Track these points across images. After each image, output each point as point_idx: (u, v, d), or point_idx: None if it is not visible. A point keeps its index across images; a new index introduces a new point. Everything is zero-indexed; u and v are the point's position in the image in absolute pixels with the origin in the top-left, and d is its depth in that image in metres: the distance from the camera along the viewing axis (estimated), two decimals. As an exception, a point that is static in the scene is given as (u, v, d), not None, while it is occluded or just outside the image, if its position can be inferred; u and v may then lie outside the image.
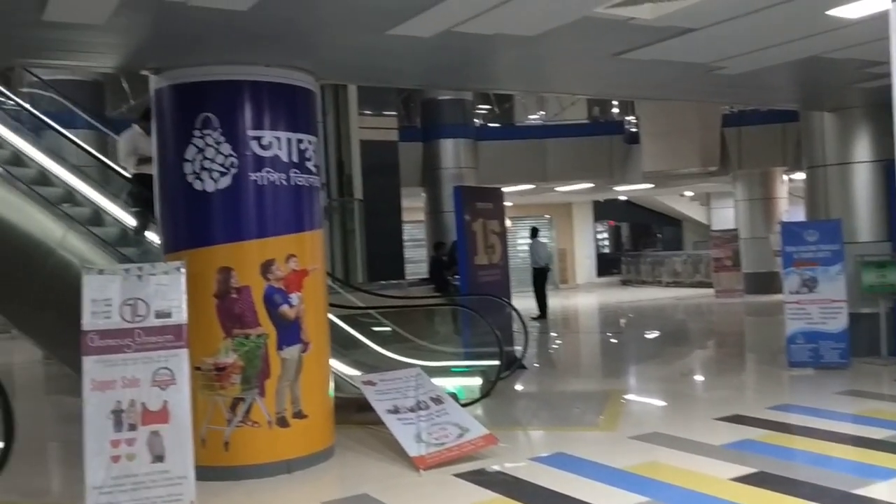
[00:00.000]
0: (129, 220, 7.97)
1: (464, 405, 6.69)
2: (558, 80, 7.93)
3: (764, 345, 11.76)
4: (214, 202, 5.50)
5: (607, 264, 28.64)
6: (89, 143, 9.72)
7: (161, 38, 5.15)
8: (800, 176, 16.39)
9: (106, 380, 4.51)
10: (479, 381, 7.95)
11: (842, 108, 9.15)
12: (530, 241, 17.37)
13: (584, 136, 19.90)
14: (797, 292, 8.69)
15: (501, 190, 10.72)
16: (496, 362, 7.85)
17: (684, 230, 31.21)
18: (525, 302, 15.99)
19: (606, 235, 32.73)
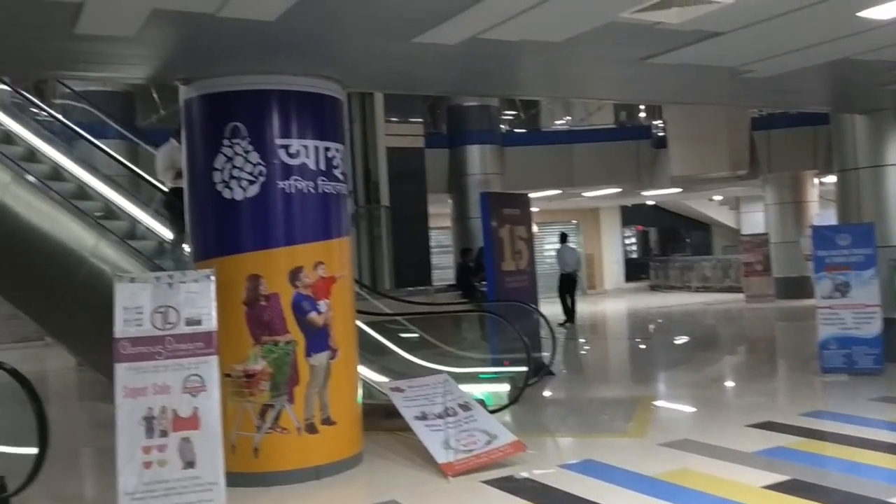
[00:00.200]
0: (165, 233, 8.06)
1: (492, 412, 6.68)
2: (584, 85, 7.91)
3: (796, 350, 11.60)
4: (243, 210, 5.55)
5: (635, 269, 28.44)
6: (120, 153, 9.84)
7: (190, 49, 5.22)
8: (831, 179, 16.16)
9: (138, 387, 4.57)
10: (506, 387, 7.93)
11: (873, 111, 9.02)
12: (558, 247, 17.30)
13: (611, 141, 19.80)
14: (830, 297, 8.57)
15: (528, 196, 10.70)
16: (524, 368, 7.83)
17: (713, 234, 30.93)
18: (553, 308, 15.95)
19: (634, 240, 32.51)
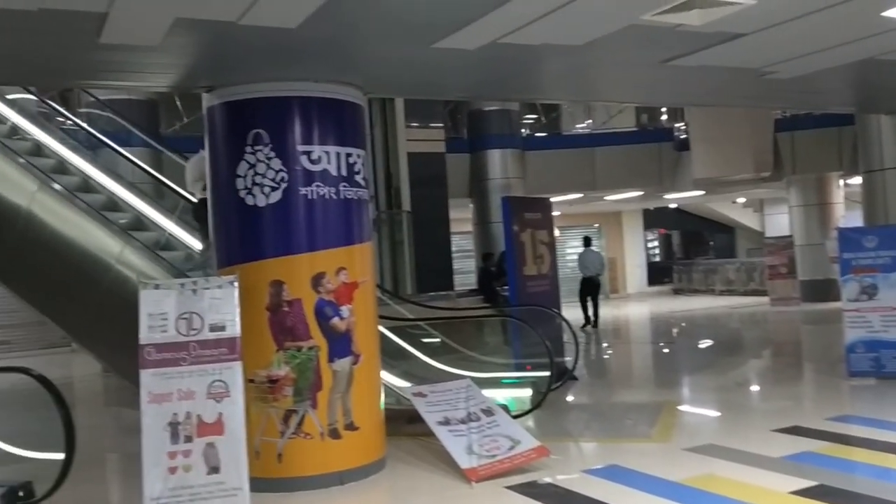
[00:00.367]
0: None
1: (515, 417, 6.66)
2: (605, 88, 7.88)
3: (822, 354, 11.46)
4: (266, 216, 5.58)
5: (658, 273, 28.24)
6: (144, 160, 9.97)
7: (212, 56, 5.27)
8: (856, 180, 15.99)
9: (162, 392, 4.60)
10: (529, 392, 7.90)
11: (900, 111, 8.94)
12: (581, 250, 17.23)
13: (633, 144, 19.72)
14: (856, 300, 8.46)
15: (549, 200, 10.68)
16: (546, 373, 7.80)
17: (737, 237, 30.67)
18: (576, 312, 15.89)
19: (657, 244, 32.28)
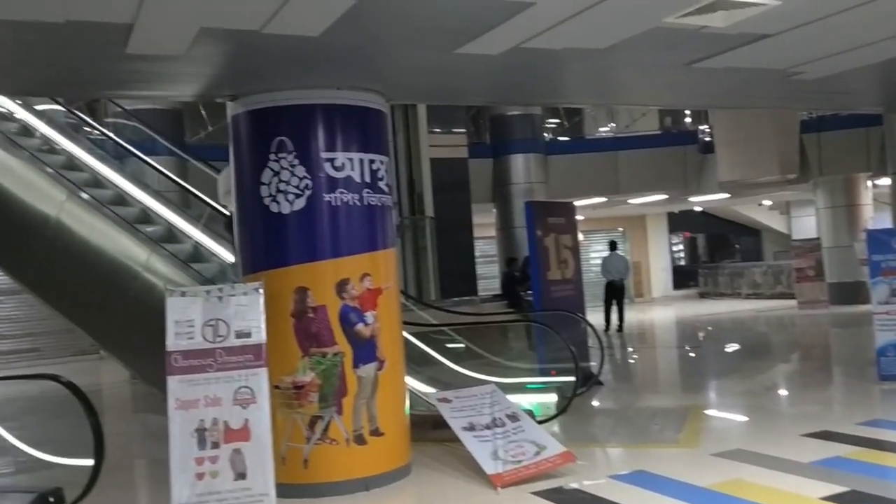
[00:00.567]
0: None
1: (540, 422, 6.63)
2: (629, 91, 7.84)
3: (852, 357, 11.31)
4: (290, 224, 5.61)
5: (684, 277, 28.02)
6: (170, 169, 10.07)
7: (237, 65, 5.31)
8: (885, 181, 15.78)
9: (189, 399, 4.63)
10: (554, 397, 7.86)
11: (929, 110, 8.80)
12: (606, 254, 17.17)
13: (657, 147, 19.61)
14: (887, 302, 8.34)
15: (573, 204, 10.64)
16: (572, 378, 7.77)
17: (763, 240, 30.36)
18: (601, 317, 15.82)
19: (682, 247, 32.06)
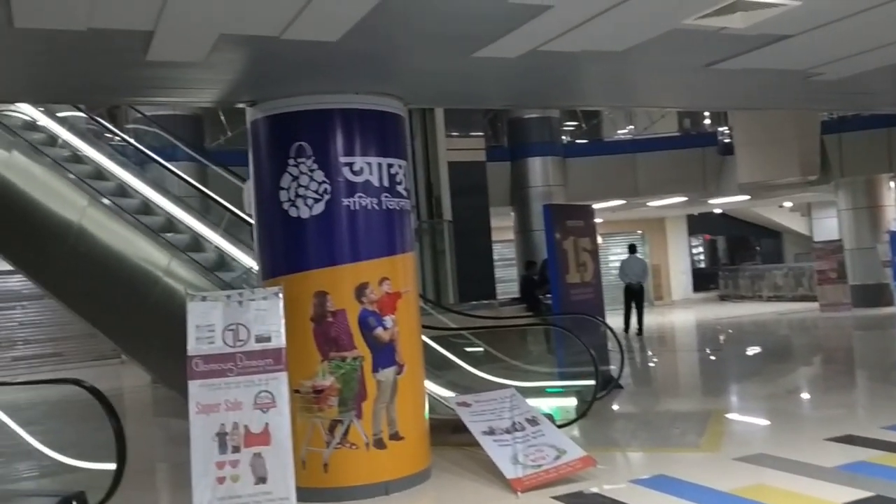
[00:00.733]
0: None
1: (560, 426, 6.60)
2: (647, 94, 7.81)
3: (875, 360, 11.19)
4: (309, 228, 5.63)
5: (704, 279, 27.85)
6: (190, 174, 10.15)
7: (256, 71, 5.33)
8: (908, 182, 15.64)
9: (210, 403, 4.66)
10: (574, 401, 7.84)
11: (953, 110, 8.70)
12: (625, 257, 17.11)
13: (676, 149, 19.52)
14: (910, 305, 8.26)
15: (592, 207, 10.60)
16: (592, 382, 7.73)
17: (784, 242, 30.12)
18: (621, 320, 15.75)
19: (702, 250, 31.87)
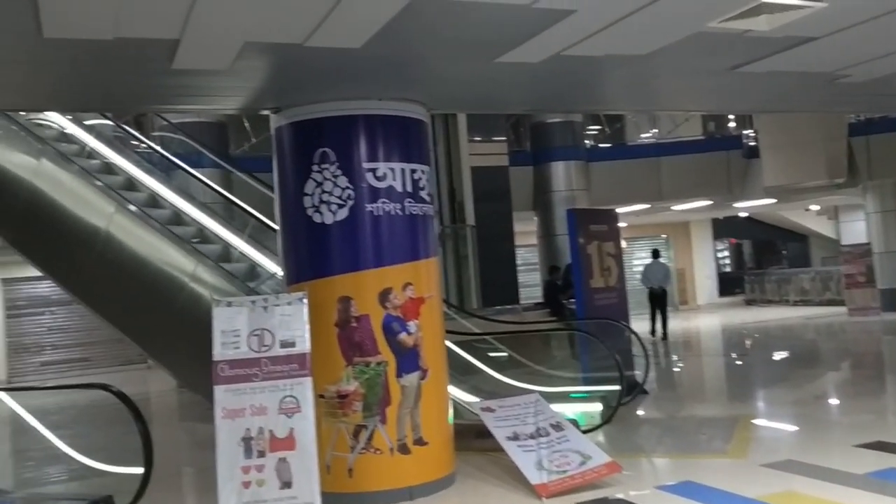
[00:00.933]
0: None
1: (584, 432, 6.58)
2: (671, 97, 7.76)
3: (906, 366, 11.03)
4: (333, 234, 5.65)
5: (729, 284, 27.61)
6: (215, 180, 10.24)
7: (280, 78, 5.37)
8: (938, 184, 15.40)
9: (236, 408, 4.69)
10: (599, 406, 7.79)
11: (983, 111, 8.56)
12: (648, 262, 17.04)
13: (700, 153, 19.38)
14: (941, 309, 8.13)
15: (615, 211, 10.55)
16: (616, 387, 7.69)
17: (811, 246, 29.80)
18: (645, 325, 15.64)
19: (727, 253, 31.60)
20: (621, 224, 11.60)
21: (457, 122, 13.92)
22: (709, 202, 20.74)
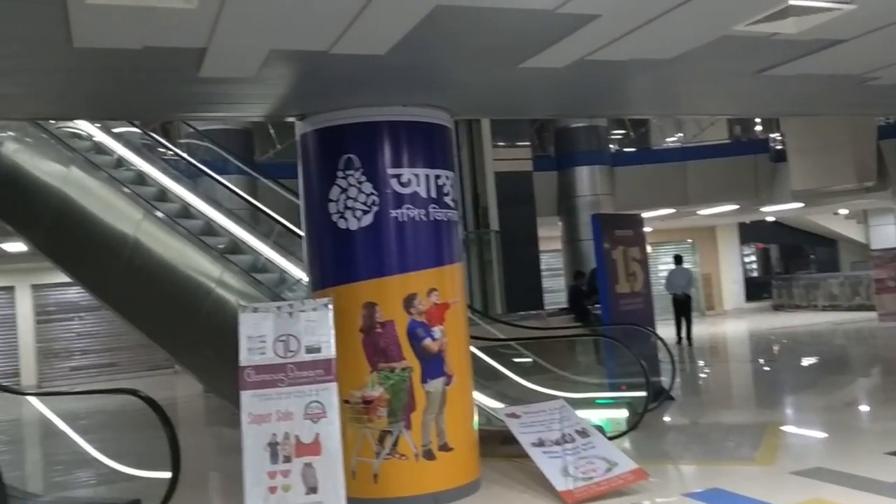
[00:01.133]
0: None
1: (610, 438, 6.53)
2: (696, 101, 7.71)
3: (938, 372, 10.85)
4: (358, 240, 5.67)
5: (756, 289, 27.30)
6: (240, 187, 10.34)
7: (305, 85, 5.41)
8: (970, 187, 15.14)
9: (262, 413, 4.72)
10: (625, 413, 7.74)
11: None
12: (672, 268, 16.93)
13: (727, 157, 19.22)
14: (975, 314, 7.99)
15: (641, 216, 10.49)
16: (643, 393, 7.64)
17: (840, 250, 29.39)
18: (671, 330, 15.52)
19: (754, 258, 31.29)
20: (646, 229, 11.53)
21: (480, 127, 13.91)
22: (735, 206, 20.55)
